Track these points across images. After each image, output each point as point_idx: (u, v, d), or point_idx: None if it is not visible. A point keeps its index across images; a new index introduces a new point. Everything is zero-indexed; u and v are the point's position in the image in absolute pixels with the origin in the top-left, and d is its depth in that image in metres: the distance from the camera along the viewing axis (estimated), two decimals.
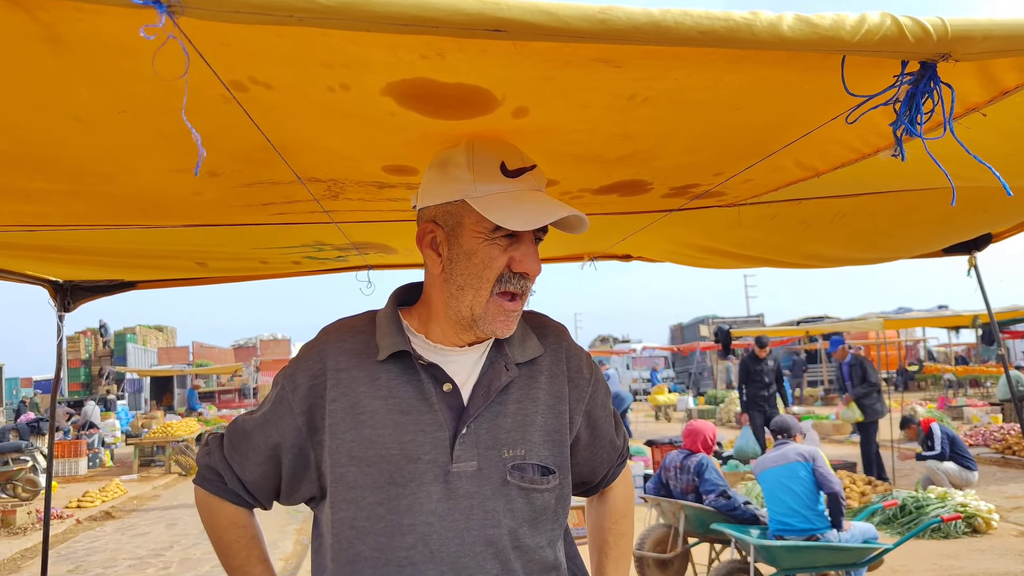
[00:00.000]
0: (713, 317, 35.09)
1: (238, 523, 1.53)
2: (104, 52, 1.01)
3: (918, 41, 0.97)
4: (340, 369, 1.41)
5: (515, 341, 1.48)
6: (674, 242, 3.17)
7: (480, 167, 1.37)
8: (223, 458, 1.51)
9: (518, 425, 1.42)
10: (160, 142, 1.43)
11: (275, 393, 1.47)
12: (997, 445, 11.78)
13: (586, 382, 1.55)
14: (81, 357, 29.95)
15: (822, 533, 4.91)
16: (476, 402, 1.40)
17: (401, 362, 1.41)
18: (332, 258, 3.21)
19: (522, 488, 1.40)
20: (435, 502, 1.35)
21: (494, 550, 1.36)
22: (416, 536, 1.34)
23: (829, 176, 1.86)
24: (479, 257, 1.37)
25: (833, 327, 19.78)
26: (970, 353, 28.16)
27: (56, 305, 3.33)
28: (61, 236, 2.33)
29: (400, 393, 1.39)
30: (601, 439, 1.61)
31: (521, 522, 1.39)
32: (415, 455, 1.36)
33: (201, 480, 1.55)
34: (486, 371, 1.44)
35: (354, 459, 1.36)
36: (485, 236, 1.36)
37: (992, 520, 7.29)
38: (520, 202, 1.35)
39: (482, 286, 1.37)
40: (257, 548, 1.54)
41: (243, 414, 1.53)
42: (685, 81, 1.19)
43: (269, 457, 1.45)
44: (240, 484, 1.50)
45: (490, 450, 1.39)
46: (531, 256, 1.38)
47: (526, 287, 1.40)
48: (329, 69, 1.09)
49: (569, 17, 0.88)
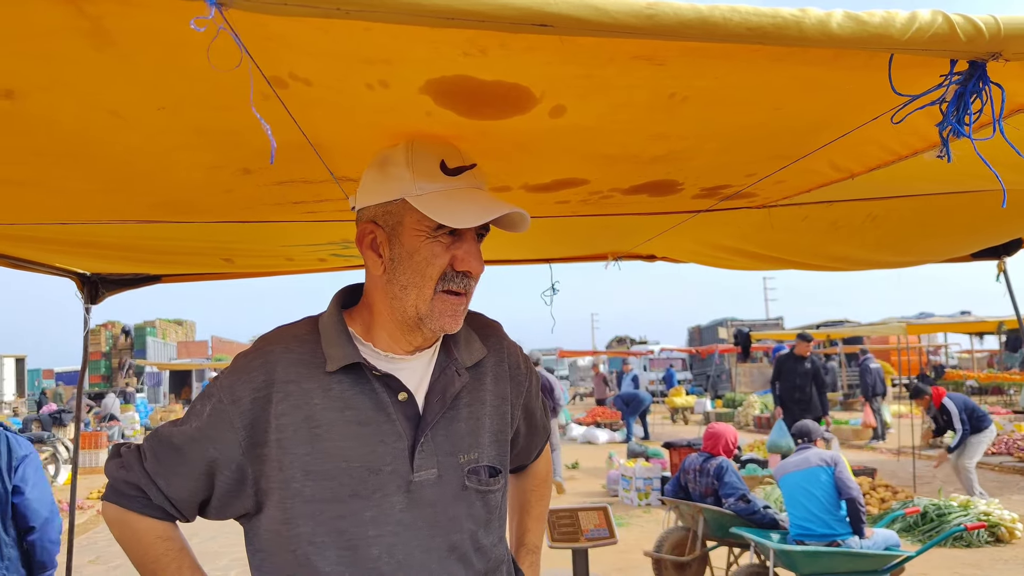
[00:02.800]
0: (732, 319, 34.88)
1: (164, 536, 1.43)
2: (148, 47, 1.02)
3: (969, 40, 0.95)
4: (289, 380, 1.35)
5: (461, 344, 1.48)
6: (701, 243, 3.15)
7: (419, 165, 1.35)
8: (145, 473, 1.40)
9: (471, 430, 1.44)
10: (196, 139, 1.44)
11: (210, 406, 1.38)
12: (1021, 454, 11.62)
13: (524, 377, 1.59)
14: (102, 350, 30.29)
15: (843, 539, 4.86)
16: (432, 410, 1.40)
17: (352, 372, 1.37)
18: (357, 255, 3.22)
19: (479, 491, 1.43)
20: (399, 512, 1.34)
21: (457, 554, 1.38)
22: (382, 547, 1.33)
23: (863, 178, 1.84)
24: (421, 256, 1.35)
25: (854, 331, 19.63)
26: (992, 360, 27.81)
27: (83, 297, 3.36)
28: (91, 230, 2.35)
29: (356, 404, 1.36)
30: (536, 428, 1.69)
31: (479, 524, 1.43)
32: (376, 466, 1.34)
33: (117, 496, 1.42)
34: (438, 377, 1.43)
35: (310, 473, 1.32)
36: (427, 235, 1.34)
37: (1016, 530, 7.18)
38: (461, 200, 1.34)
39: (425, 284, 1.35)
40: (188, 558, 1.45)
41: (166, 425, 1.44)
42: (726, 80, 1.18)
43: (203, 473, 1.37)
44: (166, 499, 1.40)
45: (448, 456, 1.39)
46: (473, 254, 1.37)
47: (469, 286, 1.39)
48: (370, 65, 1.09)
49: (616, 12, 0.87)
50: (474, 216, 1.32)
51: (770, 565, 4.89)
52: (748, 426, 18.43)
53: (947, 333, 24.53)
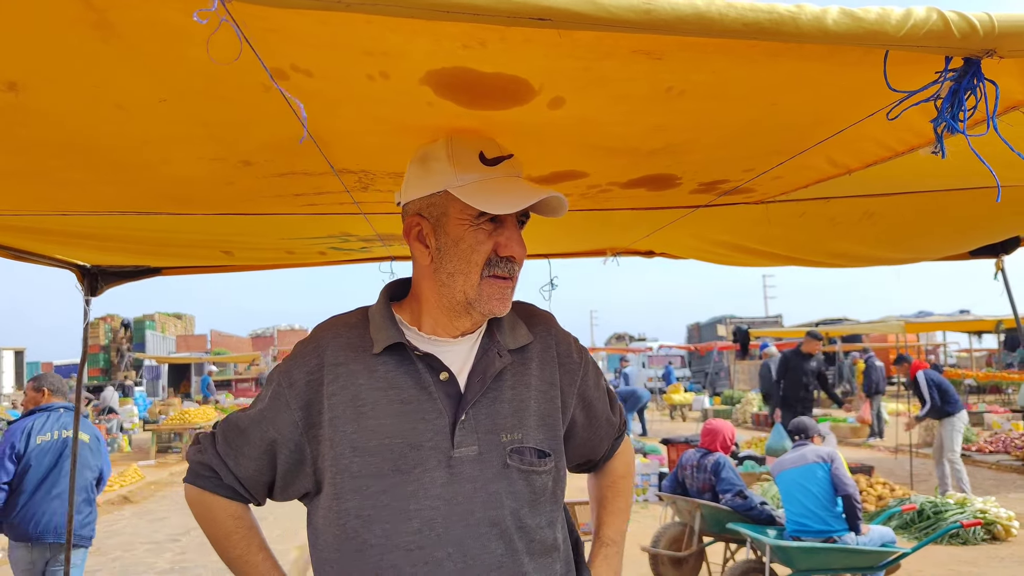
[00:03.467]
0: (731, 317, 34.88)
1: (235, 515, 1.54)
2: (152, 39, 1.03)
3: (964, 37, 0.96)
4: (338, 363, 1.44)
5: (505, 329, 1.53)
6: (699, 239, 3.16)
7: (459, 158, 1.42)
8: (217, 454, 1.52)
9: (514, 410, 1.47)
10: (199, 131, 1.45)
11: (271, 390, 1.49)
12: (1018, 452, 11.64)
13: (576, 366, 1.60)
14: (100, 343, 30.29)
15: (839, 535, 4.88)
16: (473, 389, 1.44)
17: (397, 354, 1.45)
18: (357, 249, 3.23)
19: (522, 471, 1.44)
20: (439, 487, 1.39)
21: (498, 530, 1.40)
22: (422, 520, 1.37)
23: (860, 174, 1.85)
24: (466, 243, 1.42)
25: (852, 329, 19.64)
26: (990, 359, 27.83)
27: (83, 289, 3.37)
28: (92, 222, 2.36)
29: (399, 383, 1.43)
30: (598, 419, 1.67)
31: (522, 503, 1.44)
32: (417, 442, 1.39)
33: (194, 477, 1.55)
34: (480, 359, 1.48)
35: (357, 449, 1.39)
36: (470, 223, 1.41)
37: (1012, 528, 7.20)
38: (500, 188, 1.40)
39: (471, 271, 1.42)
40: (256, 537, 1.56)
41: (237, 411, 1.56)
42: (723, 74, 1.19)
43: (265, 452, 1.47)
44: (235, 479, 1.51)
45: (489, 435, 1.43)
46: (515, 240, 1.43)
47: (513, 270, 1.45)
48: (370, 57, 1.10)
49: (614, 7, 0.88)
50: (513, 202, 1.38)
51: (766, 561, 4.91)
52: (746, 423, 18.46)
53: (946, 332, 24.52)
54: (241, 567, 1.55)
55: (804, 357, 10.18)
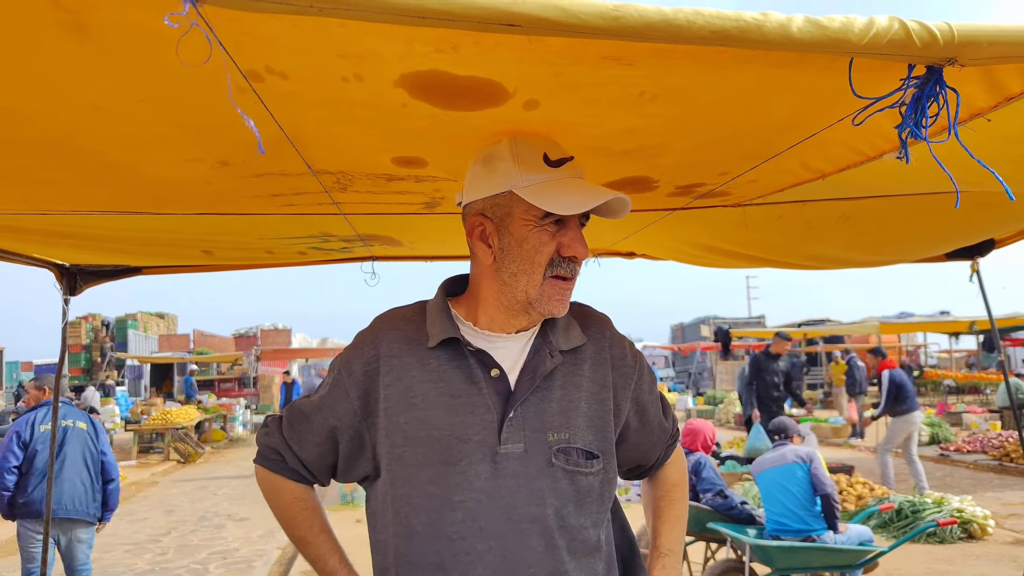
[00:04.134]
0: (714, 317, 35.10)
1: (299, 497, 1.62)
2: (126, 40, 1.03)
3: (925, 45, 0.99)
4: (393, 355, 1.48)
5: (559, 329, 1.53)
6: (678, 240, 3.19)
7: (524, 159, 1.43)
8: (283, 439, 1.59)
9: (562, 410, 1.47)
10: (176, 132, 1.45)
11: (331, 378, 1.54)
12: (995, 452, 11.79)
13: (631, 369, 1.60)
14: (82, 342, 30.01)
15: (818, 534, 4.92)
16: (522, 387, 1.46)
17: (450, 349, 1.48)
18: (337, 249, 3.23)
19: (567, 471, 1.45)
20: (483, 480, 1.41)
21: (539, 527, 1.41)
22: (465, 512, 1.40)
23: (834, 178, 1.87)
24: (530, 244, 1.43)
25: (832, 330, 19.82)
26: (969, 360, 28.15)
27: (62, 289, 3.35)
28: (70, 221, 2.35)
29: (450, 377, 1.46)
30: (650, 423, 1.67)
31: (566, 502, 1.44)
32: (465, 435, 1.42)
33: (262, 459, 1.63)
34: (531, 357, 1.49)
35: (408, 439, 1.43)
36: (534, 223, 1.42)
37: (988, 526, 7.29)
38: (565, 189, 1.42)
39: (535, 271, 1.44)
40: (318, 519, 1.63)
41: (300, 397, 1.62)
42: (694, 79, 1.21)
43: (327, 438, 1.53)
44: (299, 462, 1.58)
45: (536, 433, 1.44)
46: (578, 240, 1.45)
47: (575, 270, 1.47)
48: (344, 60, 1.11)
49: (583, 14, 0.90)
50: (579, 203, 1.40)
51: (746, 560, 4.95)
52: (729, 423, 18.57)
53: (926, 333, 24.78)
54: (303, 547, 1.63)
55: (773, 358, 10.31)
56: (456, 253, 3.60)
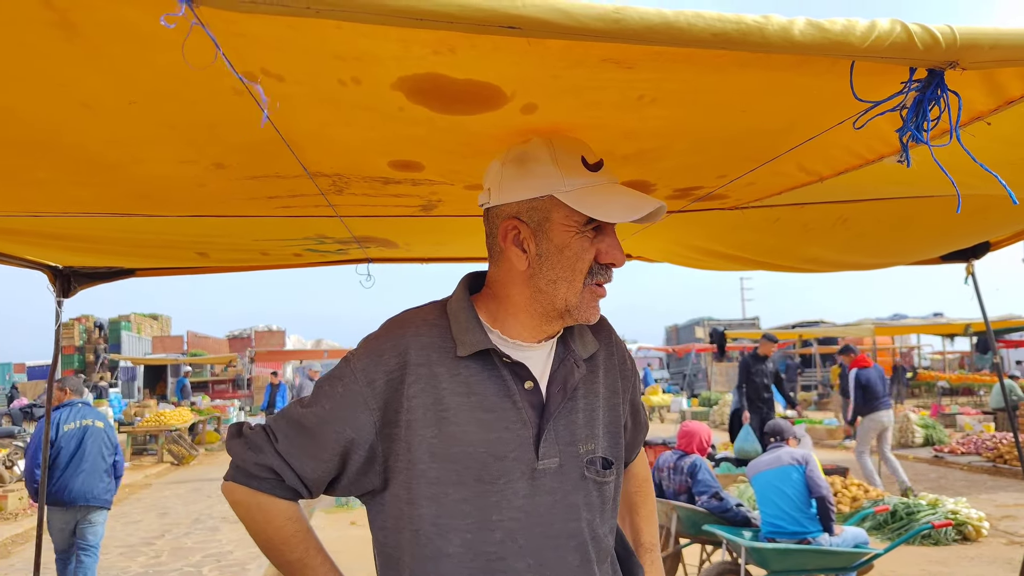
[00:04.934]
0: (709, 319, 35.15)
1: (292, 517, 1.46)
2: (118, 40, 1.02)
3: (927, 48, 0.98)
4: (420, 364, 1.38)
5: (576, 336, 1.49)
6: (674, 243, 3.18)
7: (564, 162, 1.37)
8: (278, 454, 1.41)
9: (588, 421, 1.45)
10: (168, 133, 1.44)
11: (343, 388, 1.40)
12: (989, 454, 11.82)
13: (631, 373, 1.60)
14: (75, 344, 29.87)
15: (813, 537, 4.93)
16: (555, 400, 1.41)
17: (481, 358, 1.40)
18: (333, 251, 3.22)
19: (596, 482, 1.44)
20: (521, 499, 1.36)
21: (576, 542, 1.40)
22: (504, 532, 1.35)
23: (832, 181, 1.87)
24: (571, 251, 1.37)
25: (826, 332, 19.85)
26: (963, 362, 28.23)
27: (55, 290, 3.33)
28: (63, 223, 2.33)
29: (481, 390, 1.38)
30: (640, 423, 1.67)
31: (595, 514, 1.44)
32: (501, 453, 1.36)
33: (247, 478, 1.43)
34: (558, 368, 1.45)
35: (435, 456, 1.35)
36: (576, 230, 1.36)
37: (982, 528, 7.31)
38: (608, 195, 1.37)
39: (575, 279, 1.38)
40: (313, 539, 1.48)
41: (293, 406, 1.46)
42: (694, 83, 1.20)
43: (337, 454, 1.39)
44: (299, 481, 1.42)
45: (569, 446, 1.41)
46: (616, 247, 1.40)
47: (611, 277, 1.43)
48: (341, 62, 1.10)
49: (583, 16, 0.89)
50: (627, 210, 1.34)
51: (742, 562, 4.95)
52: (723, 424, 18.55)
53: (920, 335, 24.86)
54: (300, 570, 1.46)
55: (761, 359, 10.50)
56: (452, 255, 3.59)
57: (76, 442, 5.49)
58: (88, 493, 5.40)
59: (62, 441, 5.46)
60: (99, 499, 5.46)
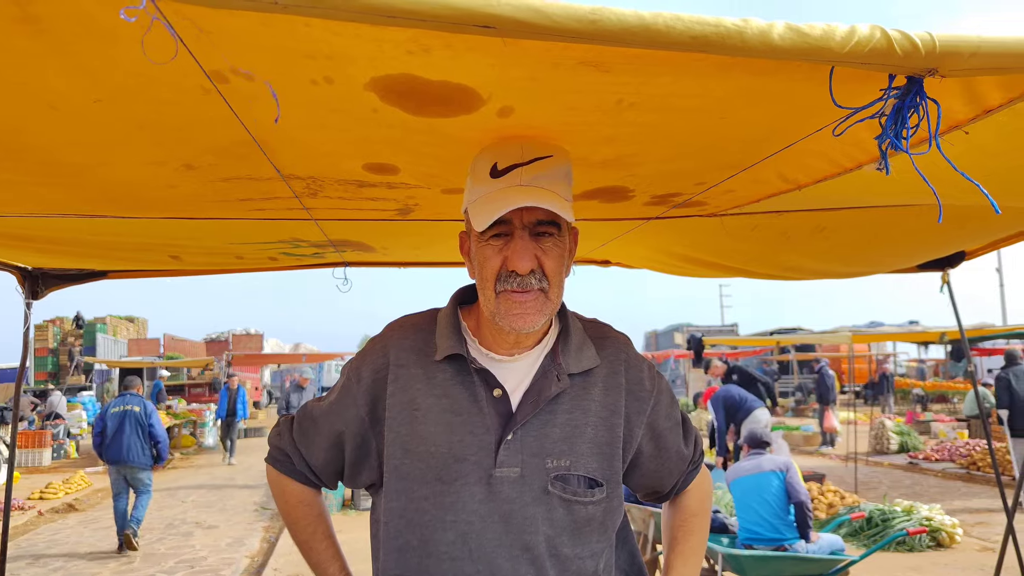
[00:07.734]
0: (688, 325, 35.30)
1: (304, 501, 1.63)
2: (82, 37, 0.99)
3: (906, 55, 0.97)
4: (400, 365, 1.46)
5: (571, 350, 1.47)
6: (653, 249, 3.17)
7: (477, 172, 1.41)
8: (292, 441, 1.60)
9: (566, 436, 1.42)
10: (136, 133, 1.40)
11: (341, 384, 1.54)
12: (963, 460, 11.95)
13: (647, 394, 1.53)
14: (49, 346, 29.43)
15: (790, 543, 4.94)
16: (524, 410, 1.41)
17: (457, 363, 1.45)
18: (309, 254, 3.18)
19: (563, 499, 1.41)
20: (476, 503, 1.38)
21: (530, 556, 1.38)
22: (456, 533, 1.38)
23: (811, 190, 1.86)
24: (479, 259, 1.42)
25: (803, 339, 20.01)
26: (938, 369, 28.55)
27: (24, 292, 3.26)
28: (30, 223, 2.27)
29: (453, 394, 1.43)
30: (667, 451, 1.59)
31: (560, 531, 1.40)
32: (462, 455, 1.39)
33: (272, 460, 1.64)
34: (537, 380, 1.45)
35: (408, 452, 1.41)
36: (479, 239, 1.41)
37: (956, 534, 7.38)
38: (494, 201, 1.35)
39: (486, 286, 1.41)
40: (322, 525, 1.64)
41: (312, 400, 1.62)
42: (672, 87, 1.18)
43: (333, 444, 1.53)
44: (307, 466, 1.58)
45: (534, 458, 1.40)
46: (518, 253, 1.36)
47: (527, 283, 1.37)
48: (312, 61, 1.07)
49: (559, 16, 0.87)
50: (489, 216, 1.34)
51: (718, 569, 4.95)
52: (701, 430, 18.65)
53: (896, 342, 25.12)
54: (305, 550, 1.63)
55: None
56: (430, 259, 3.56)
57: (117, 421, 8.06)
58: (127, 456, 7.99)
59: (108, 420, 8.12)
60: (137, 461, 8.03)
